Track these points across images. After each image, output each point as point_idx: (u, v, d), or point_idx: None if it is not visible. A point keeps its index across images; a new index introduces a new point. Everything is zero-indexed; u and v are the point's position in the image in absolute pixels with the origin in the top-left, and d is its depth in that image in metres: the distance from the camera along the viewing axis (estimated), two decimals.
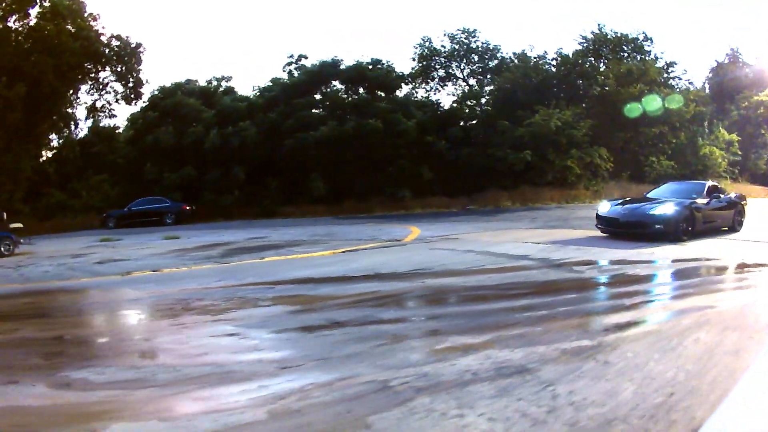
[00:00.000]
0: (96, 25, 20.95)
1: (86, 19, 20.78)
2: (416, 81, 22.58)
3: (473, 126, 20.81)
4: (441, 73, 23.06)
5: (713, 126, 20.67)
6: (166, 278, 5.96)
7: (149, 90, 22.45)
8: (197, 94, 21.94)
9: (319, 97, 21.00)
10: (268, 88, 21.89)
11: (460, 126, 20.86)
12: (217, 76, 23.26)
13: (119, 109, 44.93)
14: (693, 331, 2.80)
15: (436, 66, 22.97)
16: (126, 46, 21.71)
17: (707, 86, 25.56)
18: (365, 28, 48.68)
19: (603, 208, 7.78)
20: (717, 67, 26.43)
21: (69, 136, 23.56)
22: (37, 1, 19.24)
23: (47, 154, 23.01)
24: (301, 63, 21.71)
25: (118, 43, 21.59)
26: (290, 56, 22.04)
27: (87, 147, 23.27)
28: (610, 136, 18.77)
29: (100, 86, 22.66)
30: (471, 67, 22.86)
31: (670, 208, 7.09)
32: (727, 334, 2.74)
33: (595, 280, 4.57)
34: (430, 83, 23.08)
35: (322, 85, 21.04)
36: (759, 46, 40.20)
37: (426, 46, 22.96)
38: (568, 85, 20.34)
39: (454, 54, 22.66)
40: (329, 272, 5.61)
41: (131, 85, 22.28)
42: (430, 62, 22.80)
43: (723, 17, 40.88)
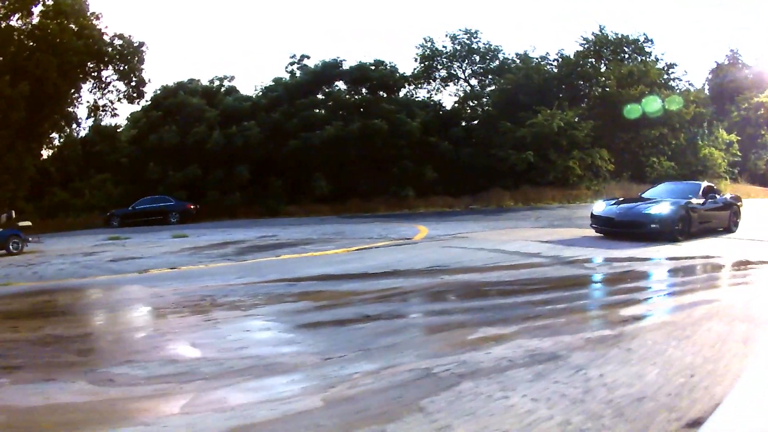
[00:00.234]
0: (98, 24, 20.94)
1: (89, 18, 20.77)
2: (418, 81, 22.71)
3: (475, 126, 20.98)
4: (443, 74, 23.14)
5: (713, 127, 20.87)
6: (185, 276, 5.92)
7: (151, 89, 22.46)
8: (200, 93, 22.00)
9: (323, 97, 21.06)
10: (270, 87, 21.96)
11: (462, 126, 21.04)
12: (219, 75, 23.32)
13: (121, 108, 44.83)
14: (704, 321, 3.01)
15: (438, 66, 23.05)
16: (129, 45, 21.68)
17: (707, 87, 25.66)
18: (366, 29, 48.79)
19: (598, 208, 7.77)
20: (717, 68, 26.58)
21: (70, 135, 23.57)
22: (40, 0, 19.23)
23: (48, 153, 23.02)
24: (304, 63, 21.85)
25: (121, 42, 21.57)
26: (292, 56, 22.17)
27: (88, 146, 23.32)
28: (611, 137, 18.90)
29: (103, 85, 22.68)
30: (472, 68, 22.98)
31: (665, 208, 7.03)
32: (736, 324, 2.95)
33: (607, 276, 4.72)
34: (432, 83, 23.22)
35: (325, 85, 21.10)
36: (759, 47, 40.42)
37: (428, 47, 23.08)
38: (569, 86, 20.44)
39: (456, 54, 22.72)
40: (348, 269, 5.67)
41: (134, 84, 22.28)
42: (431, 62, 22.89)
43: (723, 17, 41.04)
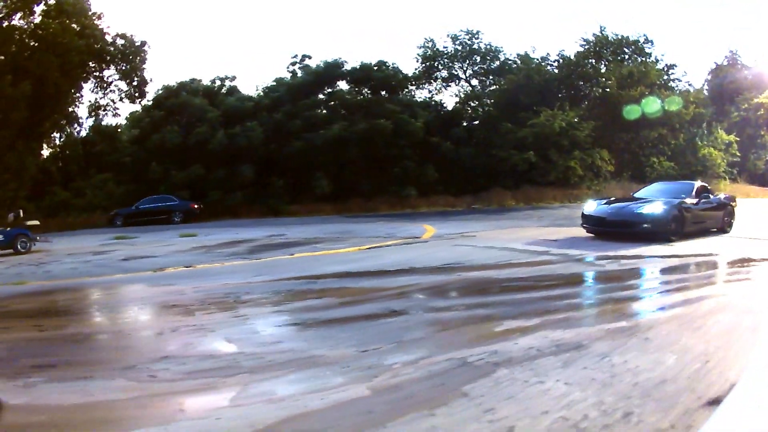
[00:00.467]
0: (100, 23, 20.99)
1: (90, 18, 20.80)
2: (419, 82, 22.90)
3: (476, 126, 21.22)
4: (444, 74, 23.43)
5: (712, 127, 21.14)
6: (202, 274, 5.91)
7: (152, 89, 22.52)
8: (201, 93, 22.09)
9: (326, 98, 21.23)
10: (272, 88, 22.10)
11: (463, 126, 21.26)
12: (220, 75, 23.44)
13: (122, 107, 44.64)
14: (713, 314, 3.22)
15: (439, 66, 23.29)
16: (131, 45, 21.74)
17: (706, 88, 25.91)
18: (366, 29, 48.90)
19: (589, 207, 7.66)
20: (716, 68, 26.91)
21: (71, 134, 23.58)
22: None
23: (47, 153, 23.02)
24: (305, 63, 22.01)
25: (123, 42, 21.64)
26: (294, 56, 22.34)
27: (88, 146, 23.34)
28: (611, 138, 19.17)
29: (105, 85, 22.73)
30: (473, 68, 23.23)
31: (658, 207, 6.92)
32: (743, 316, 3.16)
33: (617, 273, 4.89)
34: (433, 84, 23.48)
35: (327, 85, 21.28)
36: (758, 47, 40.79)
37: (429, 47, 23.30)
38: (570, 87, 20.68)
39: (457, 55, 22.98)
40: (364, 267, 5.74)
41: (135, 83, 22.36)
42: (433, 63, 23.10)
43: (723, 17, 41.21)
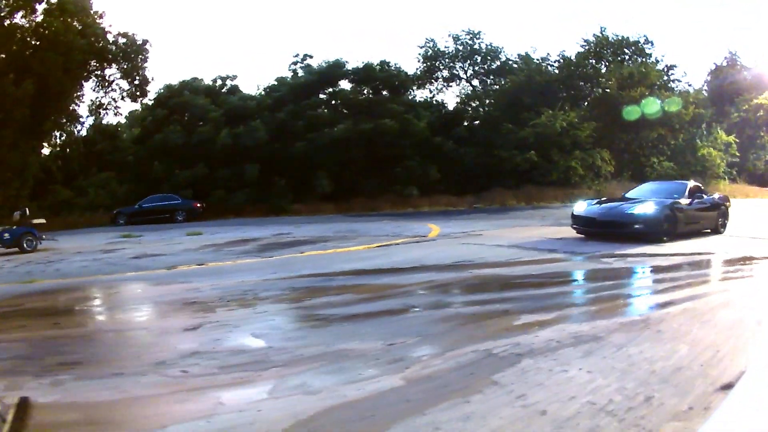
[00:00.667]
0: (102, 22, 21.04)
1: (92, 16, 20.83)
2: (421, 82, 23.05)
3: (477, 126, 21.41)
4: (445, 74, 23.61)
5: (711, 128, 21.36)
6: (216, 272, 5.91)
7: (153, 88, 22.61)
8: (204, 92, 22.17)
9: (329, 97, 21.36)
10: (274, 87, 22.22)
11: (465, 126, 21.45)
12: (221, 75, 23.54)
13: (123, 106, 44.60)
14: (720, 308, 3.40)
15: (440, 66, 23.44)
16: (132, 44, 21.79)
17: (706, 88, 26.14)
18: (366, 29, 49.03)
19: (579, 208, 7.51)
20: (716, 69, 27.16)
21: (72, 133, 23.62)
22: None
23: (47, 152, 23.04)
24: (307, 63, 22.14)
25: (125, 41, 21.69)
26: (296, 55, 22.49)
27: (89, 145, 23.39)
28: (611, 138, 19.38)
29: (106, 83, 22.76)
30: (474, 68, 23.40)
31: (650, 208, 6.81)
32: (747, 311, 3.34)
33: (625, 270, 5.05)
34: (434, 83, 23.64)
35: (329, 85, 21.42)
36: (758, 48, 41.03)
37: (430, 47, 23.46)
38: (570, 87, 20.86)
39: (458, 55, 23.15)
40: (376, 265, 5.81)
41: (137, 82, 22.41)
42: (434, 63, 23.25)
43: (723, 18, 41.41)
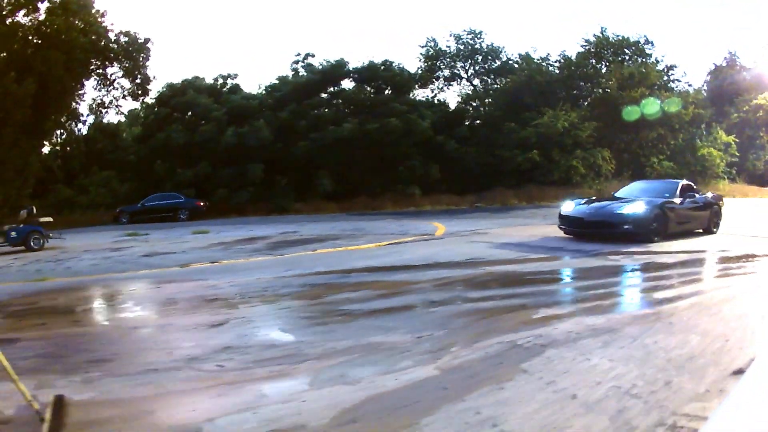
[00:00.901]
0: (103, 21, 21.03)
1: (94, 15, 20.82)
2: (423, 81, 23.16)
3: (479, 126, 21.58)
4: (446, 73, 23.72)
5: (711, 128, 21.57)
6: (230, 269, 5.94)
7: (155, 87, 22.62)
8: (206, 91, 22.22)
9: (332, 97, 21.43)
10: (276, 86, 22.28)
11: (466, 125, 21.61)
12: (222, 73, 23.58)
13: (125, 105, 44.40)
14: (725, 302, 3.58)
15: (441, 66, 23.56)
16: (134, 42, 21.79)
17: (705, 89, 26.29)
18: (366, 29, 49.13)
19: (566, 208, 7.37)
20: (715, 70, 27.36)
21: (72, 132, 23.64)
22: None
23: (47, 151, 23.02)
24: (308, 62, 22.22)
25: (126, 39, 21.69)
26: (297, 54, 22.60)
27: (90, 143, 23.43)
28: (612, 138, 19.58)
29: (108, 82, 22.76)
30: (475, 68, 23.55)
31: (640, 207, 6.69)
32: (752, 305, 3.55)
33: (632, 267, 5.21)
34: (435, 83, 23.77)
35: (332, 84, 21.51)
36: (758, 48, 41.30)
37: (431, 47, 23.57)
38: (571, 87, 21.03)
39: (459, 54, 23.28)
40: (389, 262, 5.90)
41: (138, 81, 22.42)
42: (435, 62, 23.36)
43: (723, 18, 41.45)
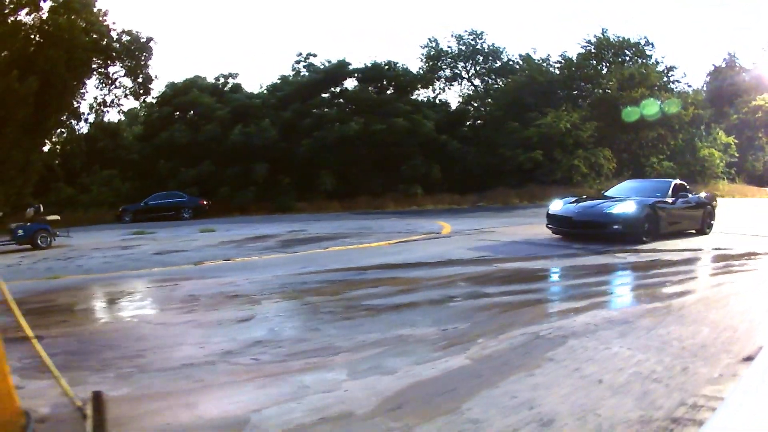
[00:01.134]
0: (106, 20, 21.07)
1: (96, 14, 20.84)
2: (426, 81, 23.32)
3: (480, 126, 21.80)
4: (447, 74, 23.93)
5: (711, 129, 21.84)
6: (245, 267, 5.96)
7: (156, 86, 22.69)
8: (209, 91, 22.30)
9: (332, 96, 21.58)
10: (278, 86, 22.40)
11: (468, 125, 21.83)
12: (224, 73, 23.68)
13: (126, 104, 44.22)
14: (732, 297, 3.79)
15: (442, 66, 23.74)
16: (136, 41, 21.86)
17: (705, 89, 26.53)
18: (367, 29, 49.25)
19: (555, 207, 7.29)
20: (715, 71, 27.63)
21: (74, 130, 23.67)
22: None
23: (46, 149, 23.01)
24: (310, 62, 22.36)
25: (128, 38, 21.73)
26: (299, 54, 22.74)
27: (91, 142, 23.47)
28: (612, 138, 19.84)
29: (110, 81, 22.79)
30: (476, 68, 23.75)
31: (630, 207, 6.60)
32: (756, 299, 3.76)
33: (639, 264, 5.38)
34: (437, 83, 23.95)
35: (335, 84, 21.66)
36: (757, 49, 41.56)
37: (432, 47, 23.75)
38: (571, 88, 21.26)
39: (461, 55, 23.47)
40: (402, 259, 5.94)
41: (140, 80, 22.47)
42: (436, 63, 23.54)
43: (723, 18, 41.68)
